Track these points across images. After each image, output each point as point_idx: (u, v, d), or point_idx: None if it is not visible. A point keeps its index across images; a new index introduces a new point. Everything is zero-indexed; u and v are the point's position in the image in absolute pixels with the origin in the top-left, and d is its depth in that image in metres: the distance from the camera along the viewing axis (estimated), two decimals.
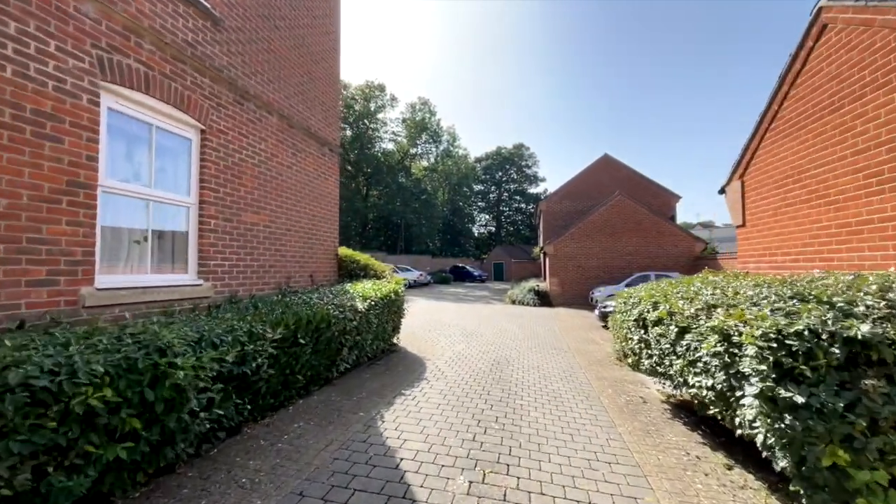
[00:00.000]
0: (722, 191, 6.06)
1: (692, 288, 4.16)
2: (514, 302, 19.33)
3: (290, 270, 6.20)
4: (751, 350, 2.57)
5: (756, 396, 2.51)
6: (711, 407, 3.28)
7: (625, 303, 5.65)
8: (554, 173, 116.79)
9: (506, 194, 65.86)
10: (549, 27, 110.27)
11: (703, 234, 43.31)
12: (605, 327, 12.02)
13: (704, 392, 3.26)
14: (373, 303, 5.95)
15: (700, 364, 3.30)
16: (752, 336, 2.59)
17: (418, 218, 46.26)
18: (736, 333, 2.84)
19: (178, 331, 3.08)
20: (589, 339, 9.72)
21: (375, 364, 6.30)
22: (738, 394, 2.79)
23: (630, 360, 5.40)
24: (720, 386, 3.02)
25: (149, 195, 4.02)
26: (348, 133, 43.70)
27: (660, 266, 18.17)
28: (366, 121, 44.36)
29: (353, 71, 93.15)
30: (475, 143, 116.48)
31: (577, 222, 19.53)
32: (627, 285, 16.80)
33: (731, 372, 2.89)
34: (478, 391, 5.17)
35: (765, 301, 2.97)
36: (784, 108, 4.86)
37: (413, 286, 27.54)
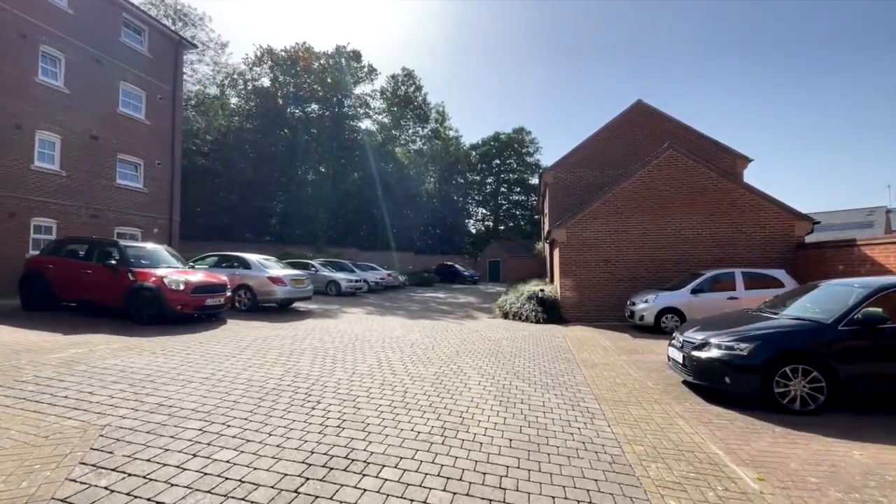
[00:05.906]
0: None
1: None
2: (506, 315, 12.62)
3: None
4: None
5: None
6: None
7: None
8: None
9: (504, 186, 58.97)
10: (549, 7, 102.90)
11: None
12: (698, 386, 5.19)
13: None
14: None
15: None
16: None
17: (401, 208, 39.53)
18: None
19: None
20: (702, 468, 2.90)
21: None
22: None
23: None
24: None
25: None
26: (317, 107, 37.01)
27: (738, 259, 11.36)
28: (338, 95, 37.61)
29: (323, 39, 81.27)
30: (469, 135, 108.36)
31: (601, 195, 12.72)
32: (694, 291, 10.01)
33: None
34: None
35: None
36: None
37: (374, 290, 20.74)
